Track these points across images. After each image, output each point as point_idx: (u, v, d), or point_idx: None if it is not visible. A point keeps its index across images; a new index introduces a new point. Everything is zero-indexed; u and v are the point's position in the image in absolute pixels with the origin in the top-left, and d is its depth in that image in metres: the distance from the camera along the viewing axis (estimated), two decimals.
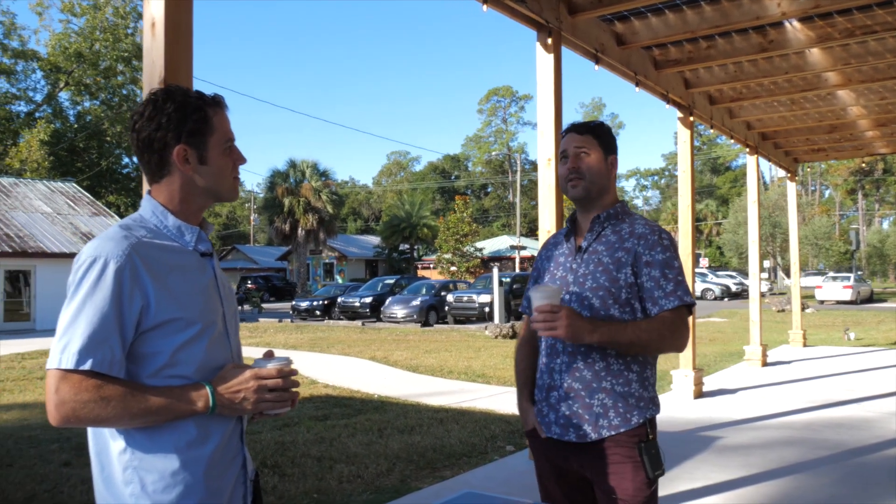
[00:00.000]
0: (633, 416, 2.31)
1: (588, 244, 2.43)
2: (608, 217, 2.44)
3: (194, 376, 1.66)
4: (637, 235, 2.37)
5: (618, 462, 2.29)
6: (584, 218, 2.49)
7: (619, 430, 2.29)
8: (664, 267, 2.32)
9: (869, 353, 13.17)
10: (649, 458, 2.28)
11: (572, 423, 2.33)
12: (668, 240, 2.38)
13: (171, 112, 1.69)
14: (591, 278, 2.36)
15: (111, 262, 1.56)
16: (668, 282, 2.31)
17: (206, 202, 1.79)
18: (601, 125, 2.51)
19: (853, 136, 12.04)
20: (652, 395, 2.40)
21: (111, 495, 1.63)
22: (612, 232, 2.42)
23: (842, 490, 4.96)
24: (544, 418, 2.42)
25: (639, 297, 2.34)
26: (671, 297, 2.29)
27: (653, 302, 2.31)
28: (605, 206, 2.46)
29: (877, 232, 53.65)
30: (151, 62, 3.14)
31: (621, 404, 2.30)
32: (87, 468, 5.82)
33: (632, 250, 2.35)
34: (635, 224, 2.42)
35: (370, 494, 5.01)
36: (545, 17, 5.73)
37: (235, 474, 1.75)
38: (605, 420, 2.30)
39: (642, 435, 2.31)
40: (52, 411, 1.51)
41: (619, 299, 2.32)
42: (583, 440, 2.31)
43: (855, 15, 6.67)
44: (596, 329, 2.19)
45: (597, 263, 2.37)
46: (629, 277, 2.33)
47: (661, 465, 2.32)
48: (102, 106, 43.09)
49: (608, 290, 2.32)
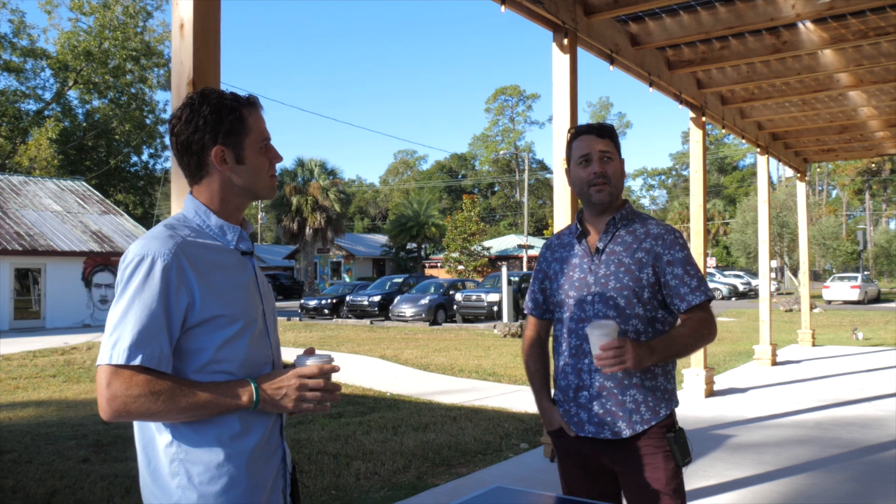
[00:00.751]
0: (662, 409, 2.41)
1: (604, 245, 2.47)
2: (622, 218, 2.49)
3: (237, 372, 1.70)
4: (653, 236, 2.45)
5: (649, 453, 2.37)
6: (596, 219, 2.53)
7: (650, 424, 2.38)
8: (685, 264, 2.41)
9: (878, 353, 13.16)
10: (679, 446, 2.37)
11: (606, 421, 2.39)
12: (682, 239, 2.48)
13: (208, 114, 1.73)
14: (614, 278, 2.41)
15: (158, 260, 1.61)
16: (692, 278, 2.40)
17: (244, 201, 1.83)
18: (613, 128, 2.56)
19: (863, 137, 12.03)
20: (673, 388, 2.50)
21: (158, 487, 1.67)
22: (627, 233, 2.48)
23: (857, 488, 4.98)
24: (573, 418, 2.47)
25: (661, 295, 2.43)
26: (697, 292, 2.39)
27: (680, 298, 2.39)
28: (616, 207, 2.52)
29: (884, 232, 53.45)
30: (180, 63, 3.18)
31: (650, 398, 2.39)
32: (105, 464, 5.89)
33: (651, 251, 2.42)
34: (648, 224, 2.50)
35: (387, 491, 5.06)
36: (561, 17, 5.76)
37: (276, 467, 1.79)
38: (638, 415, 2.38)
39: (670, 425, 2.41)
40: (104, 406, 1.56)
41: (641, 298, 2.39)
42: (618, 437, 2.38)
43: (868, 17, 6.68)
44: (654, 351, 2.27)
45: (617, 264, 2.43)
46: (651, 277, 2.40)
47: (689, 453, 2.40)
48: (111, 104, 43.27)
49: (632, 289, 2.39)
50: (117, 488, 5.21)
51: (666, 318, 2.46)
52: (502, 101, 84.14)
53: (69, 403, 9.19)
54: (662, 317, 2.45)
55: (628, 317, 2.38)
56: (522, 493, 2.48)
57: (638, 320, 2.39)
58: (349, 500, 4.86)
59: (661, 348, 2.29)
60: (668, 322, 2.46)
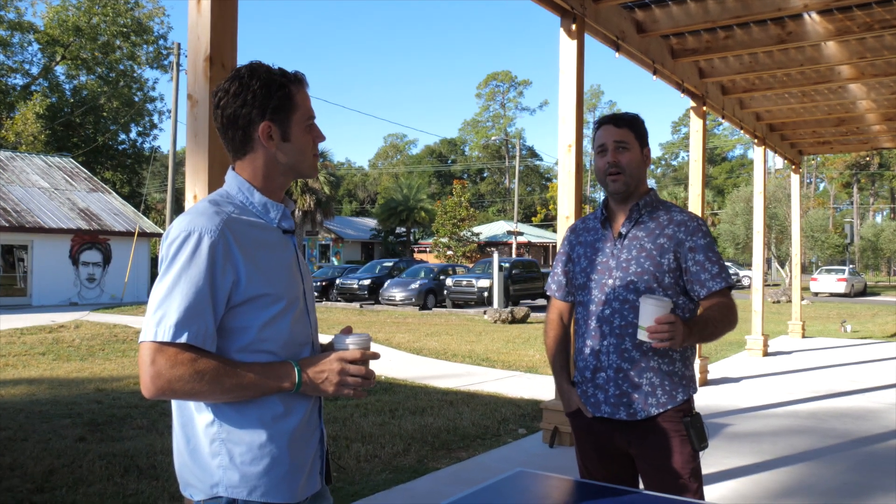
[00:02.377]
0: (679, 394, 2.44)
1: (627, 230, 2.50)
2: (645, 205, 2.53)
3: (280, 352, 1.68)
4: (676, 223, 2.48)
5: (666, 436, 2.41)
6: (619, 207, 2.56)
7: (666, 408, 2.42)
8: (707, 251, 2.44)
9: (866, 346, 13.30)
10: (695, 431, 2.41)
11: (622, 402, 2.44)
12: (705, 226, 2.52)
13: (257, 89, 1.70)
14: (636, 263, 2.44)
15: (205, 236, 1.58)
16: (714, 265, 2.43)
17: (287, 179, 1.80)
18: (637, 118, 2.57)
19: (859, 130, 12.08)
20: (692, 374, 2.54)
21: (198, 467, 1.65)
22: (650, 219, 2.51)
23: (854, 478, 5.04)
24: (589, 399, 2.52)
25: (682, 282, 2.46)
26: (717, 279, 2.42)
27: (700, 284, 2.43)
28: (640, 195, 2.55)
29: (871, 226, 53.87)
30: (196, 38, 3.13)
31: (668, 382, 2.43)
32: (101, 444, 5.85)
33: (673, 237, 2.45)
34: (672, 212, 2.53)
35: (389, 474, 5.06)
36: (570, 2, 5.73)
37: (315, 448, 1.78)
38: (654, 398, 2.42)
39: (687, 410, 2.45)
40: (148, 383, 1.53)
41: (662, 283, 2.42)
42: (633, 418, 2.43)
43: (875, 9, 6.68)
44: (692, 332, 2.26)
45: (639, 249, 2.46)
46: (672, 262, 2.43)
47: (706, 439, 2.44)
48: (99, 81, 42.70)
49: (653, 274, 2.42)
50: (116, 468, 5.18)
51: (686, 304, 2.48)
52: (493, 87, 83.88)
53: (61, 381, 9.13)
54: (683, 303, 2.47)
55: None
56: (544, 477, 2.48)
57: None
58: (351, 482, 4.86)
59: (696, 329, 2.29)
60: (688, 309, 2.48)
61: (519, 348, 12.73)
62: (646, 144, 2.57)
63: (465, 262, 40.59)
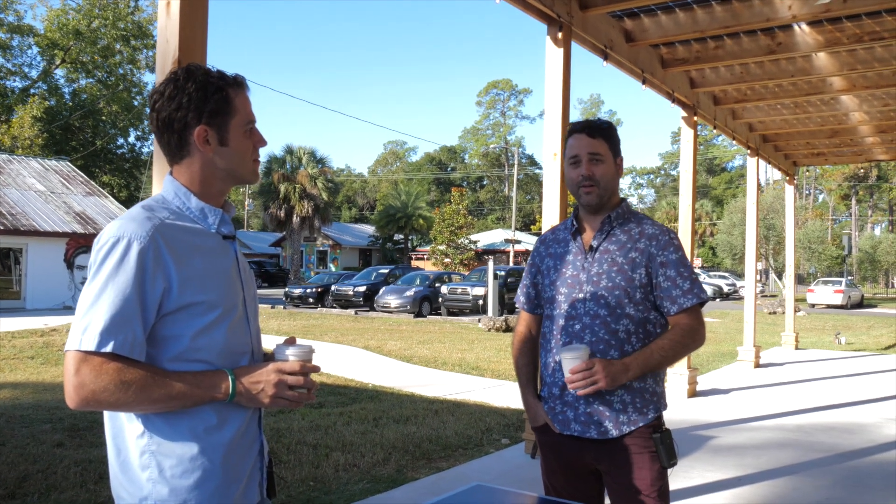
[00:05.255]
0: (650, 411, 2.39)
1: (598, 243, 2.44)
2: (617, 217, 2.47)
3: (215, 361, 1.64)
4: (648, 236, 2.42)
5: (635, 453, 2.35)
6: (591, 218, 2.50)
7: (637, 425, 2.36)
8: (679, 266, 2.38)
9: (860, 358, 13.23)
10: (665, 447, 2.35)
11: (593, 420, 2.37)
12: (677, 240, 2.45)
13: (192, 92, 1.66)
14: (607, 277, 2.38)
15: (134, 242, 1.54)
16: (685, 280, 2.37)
17: (226, 185, 1.76)
18: (610, 127, 2.49)
19: (853, 142, 12.06)
20: (662, 390, 2.48)
21: (128, 479, 1.60)
22: (622, 232, 2.45)
23: (837, 493, 4.98)
24: (558, 416, 2.45)
25: (653, 296, 2.39)
26: (689, 294, 2.36)
27: (671, 301, 2.37)
28: (612, 206, 2.48)
29: (869, 238, 53.83)
30: (165, 41, 3.11)
31: (639, 400, 2.37)
32: (79, 449, 5.79)
33: (645, 251, 2.39)
34: (643, 224, 2.47)
35: (367, 483, 5.00)
36: (556, 10, 5.70)
37: (253, 460, 1.73)
38: (625, 416, 2.36)
39: (657, 426, 2.39)
40: (71, 394, 1.49)
41: (633, 298, 2.36)
42: (604, 437, 2.36)
43: (864, 20, 6.67)
44: (629, 368, 2.27)
45: (611, 263, 2.40)
46: (643, 277, 2.38)
47: (675, 455, 2.38)
48: (99, 85, 42.73)
49: (624, 289, 2.36)
50: (91, 474, 5.13)
51: (658, 319, 2.42)
52: (494, 95, 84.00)
53: (46, 386, 9.06)
54: (654, 318, 2.41)
55: (619, 316, 2.35)
56: (502, 492, 2.43)
57: (629, 320, 2.36)
58: (327, 492, 4.80)
59: (636, 364, 2.28)
60: (659, 324, 2.43)
61: (510, 357, 12.48)
62: (618, 154, 2.50)
63: (463, 269, 40.53)
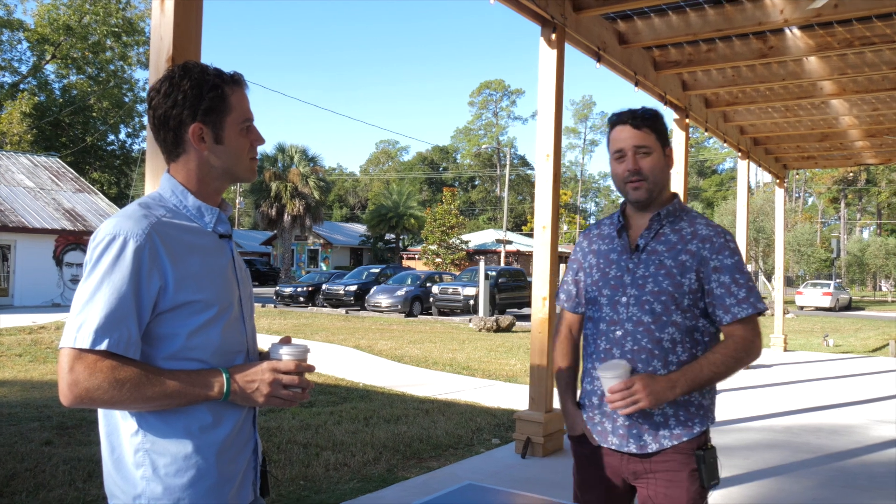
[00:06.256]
0: (696, 425, 2.21)
1: (645, 243, 2.26)
2: (668, 214, 2.27)
3: (209, 360, 1.64)
4: (701, 238, 2.22)
5: (674, 470, 2.19)
6: (639, 214, 2.32)
7: (681, 440, 2.19)
8: (735, 272, 2.19)
9: (847, 360, 13.33)
10: (707, 467, 2.19)
11: (632, 434, 2.21)
12: (733, 242, 2.24)
13: (188, 89, 1.66)
14: (653, 281, 2.21)
15: (131, 240, 1.54)
16: (740, 288, 2.18)
17: (223, 183, 1.76)
18: (656, 116, 2.27)
19: (843, 146, 12.15)
20: (710, 404, 2.30)
21: (121, 477, 1.60)
22: (672, 231, 2.26)
23: (824, 493, 5.01)
24: (596, 426, 2.30)
25: (704, 303, 2.22)
26: (744, 304, 2.17)
27: (724, 310, 2.18)
28: (662, 202, 2.29)
29: (857, 241, 54.20)
30: (159, 38, 3.10)
31: (682, 413, 2.20)
32: (68, 448, 5.77)
33: (697, 254, 2.20)
34: (697, 224, 2.27)
35: (357, 483, 5.00)
36: (550, 12, 5.72)
37: (247, 459, 1.73)
38: (667, 430, 2.19)
39: (701, 443, 2.22)
40: (65, 391, 1.48)
41: (681, 305, 2.19)
42: (643, 451, 2.21)
43: (854, 26, 6.72)
44: (675, 385, 2.10)
45: (658, 265, 2.22)
46: (693, 283, 2.19)
47: (717, 476, 2.23)
48: (89, 81, 42.52)
49: (671, 294, 2.18)
50: (79, 472, 5.11)
51: (707, 328, 2.24)
52: (486, 95, 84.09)
53: (34, 384, 9.02)
54: (703, 326, 2.23)
55: (664, 324, 2.18)
56: (493, 492, 2.44)
57: (675, 328, 2.18)
58: (318, 491, 4.80)
59: (683, 381, 2.11)
60: (708, 332, 2.24)
61: (501, 357, 12.69)
62: (667, 144, 2.28)
63: (454, 269, 40.54)
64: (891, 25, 6.60)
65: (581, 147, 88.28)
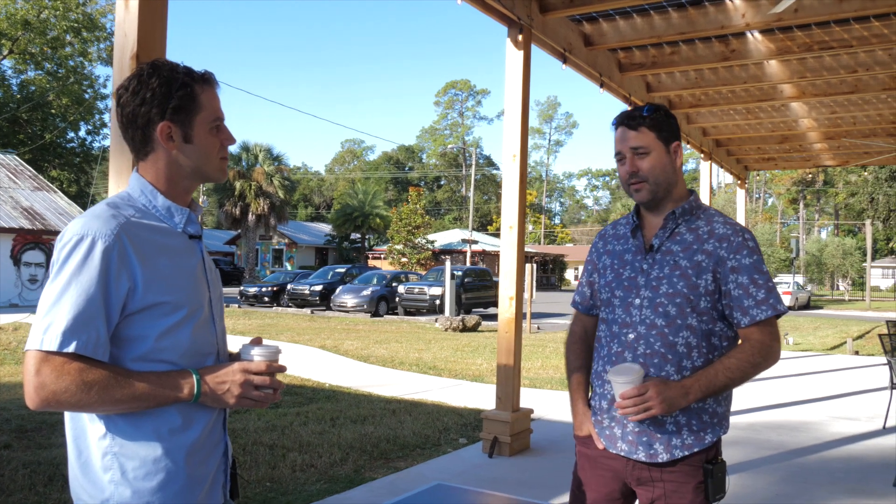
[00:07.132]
0: (707, 435, 2.13)
1: (660, 243, 2.20)
2: (683, 213, 2.21)
3: (179, 361, 1.62)
4: (718, 237, 2.15)
5: (680, 481, 2.12)
6: (652, 214, 2.26)
7: (692, 450, 2.11)
8: (753, 272, 2.11)
9: (806, 358, 13.61)
10: (714, 480, 2.11)
11: (642, 441, 2.13)
12: (752, 241, 2.16)
13: (157, 87, 1.64)
14: (667, 282, 2.14)
15: (99, 241, 1.51)
16: (759, 289, 2.10)
17: (192, 183, 1.74)
18: (655, 112, 2.19)
19: (802, 148, 12.40)
20: (725, 411, 2.21)
21: (89, 481, 1.58)
22: (688, 230, 2.19)
23: (786, 489, 5.12)
24: (604, 430, 2.23)
25: (721, 306, 2.15)
26: (763, 305, 2.09)
27: (742, 312, 2.11)
28: (676, 199, 2.23)
29: (815, 241, 55.41)
30: (123, 35, 3.06)
31: (695, 421, 2.12)
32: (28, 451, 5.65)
33: (713, 254, 2.13)
34: (714, 222, 2.19)
35: (324, 484, 4.98)
36: (517, 13, 5.75)
37: (217, 461, 1.72)
38: (678, 439, 2.11)
39: (711, 456, 2.14)
40: (32, 394, 1.46)
41: (697, 308, 2.11)
42: (653, 460, 2.12)
43: (814, 30, 6.87)
44: (689, 391, 2.03)
45: (673, 266, 2.15)
46: (710, 284, 2.12)
47: (724, 489, 2.16)
48: (48, 77, 41.60)
49: (686, 297, 2.11)
50: (40, 476, 5.00)
51: (724, 331, 2.16)
52: (452, 95, 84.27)
53: None
54: (721, 330, 2.15)
55: (678, 328, 2.11)
56: (462, 491, 2.45)
57: (689, 332, 2.11)
58: (284, 493, 4.77)
59: (698, 387, 2.04)
60: (726, 336, 2.17)
61: (467, 357, 12.72)
62: (673, 139, 2.20)
63: (420, 269, 40.52)
64: (849, 31, 6.76)
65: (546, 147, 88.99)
